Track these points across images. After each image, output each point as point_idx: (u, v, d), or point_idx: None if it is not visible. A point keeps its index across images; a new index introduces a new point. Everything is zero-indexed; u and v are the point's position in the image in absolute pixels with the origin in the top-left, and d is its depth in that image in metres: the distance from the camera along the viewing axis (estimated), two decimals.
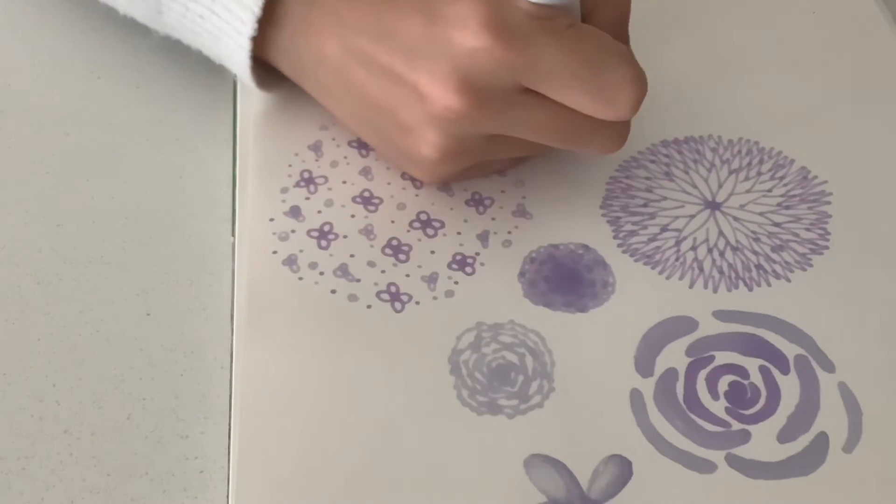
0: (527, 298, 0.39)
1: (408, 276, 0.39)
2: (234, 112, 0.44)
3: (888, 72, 0.47)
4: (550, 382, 0.37)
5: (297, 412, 0.35)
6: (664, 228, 0.41)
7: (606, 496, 0.34)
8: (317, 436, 0.35)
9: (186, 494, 0.35)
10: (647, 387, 0.37)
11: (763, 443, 0.36)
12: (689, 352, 0.38)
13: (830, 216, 0.42)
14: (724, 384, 0.37)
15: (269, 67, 0.41)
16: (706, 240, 0.41)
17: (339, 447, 0.35)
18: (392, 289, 0.39)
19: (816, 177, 0.43)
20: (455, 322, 0.38)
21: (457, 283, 0.39)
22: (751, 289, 0.39)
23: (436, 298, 0.39)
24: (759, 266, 0.40)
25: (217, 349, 0.38)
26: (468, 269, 0.39)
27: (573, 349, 0.38)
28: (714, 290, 0.39)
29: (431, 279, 0.39)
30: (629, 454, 0.35)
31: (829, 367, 0.37)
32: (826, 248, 0.41)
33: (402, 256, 0.40)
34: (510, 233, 0.41)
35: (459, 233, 0.41)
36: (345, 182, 0.42)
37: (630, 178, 0.43)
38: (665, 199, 0.42)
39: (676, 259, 0.40)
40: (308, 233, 0.40)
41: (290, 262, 0.39)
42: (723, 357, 0.38)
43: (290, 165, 0.42)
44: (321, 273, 0.39)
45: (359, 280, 0.39)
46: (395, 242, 0.40)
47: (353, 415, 0.35)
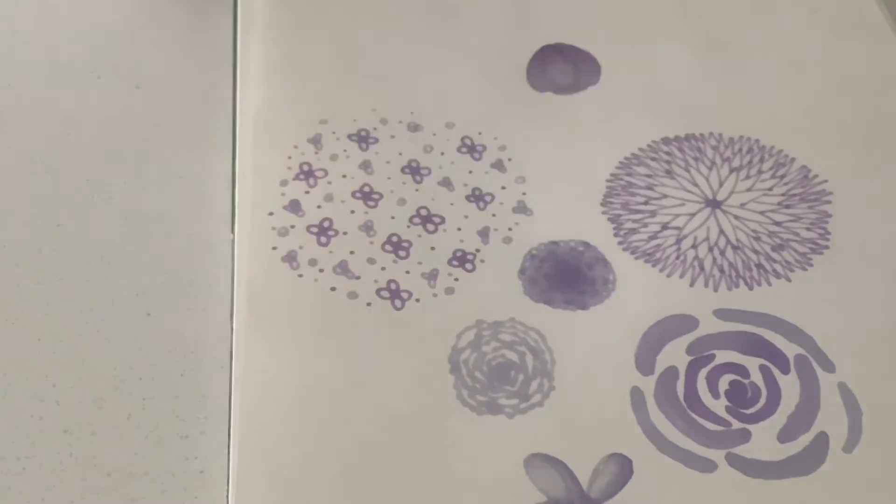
0: (527, 296, 0.39)
1: (408, 273, 0.39)
2: (234, 112, 0.44)
3: (889, 71, 0.47)
4: (551, 381, 0.37)
5: (297, 412, 0.35)
6: (665, 226, 0.41)
7: (607, 495, 0.34)
8: (317, 436, 0.35)
9: (186, 494, 0.35)
10: (648, 385, 0.37)
11: (763, 442, 0.36)
12: (690, 350, 0.38)
13: (831, 216, 0.42)
14: (725, 383, 0.37)
15: None
16: (707, 238, 0.41)
17: (339, 447, 0.35)
18: (392, 286, 0.39)
19: (817, 176, 0.43)
20: (455, 320, 0.38)
21: (457, 280, 0.39)
22: (751, 288, 0.39)
23: (436, 296, 0.39)
24: (760, 265, 0.40)
25: (217, 349, 0.38)
26: (468, 266, 0.39)
27: (573, 347, 0.38)
28: (714, 289, 0.39)
29: (431, 276, 0.39)
30: (629, 453, 0.35)
31: (830, 367, 0.37)
32: (826, 248, 0.41)
33: (402, 253, 0.40)
34: (511, 229, 0.41)
35: (460, 229, 0.41)
36: (344, 176, 0.42)
37: (631, 176, 0.42)
38: (666, 197, 0.42)
39: (677, 257, 0.40)
40: (308, 228, 0.40)
41: (290, 259, 0.39)
42: (723, 356, 0.38)
43: (290, 158, 0.42)
44: (321, 270, 0.39)
45: (359, 277, 0.39)
46: (395, 239, 0.40)
47: (353, 414, 0.35)
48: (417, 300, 0.38)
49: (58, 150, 0.43)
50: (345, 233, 0.40)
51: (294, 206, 0.40)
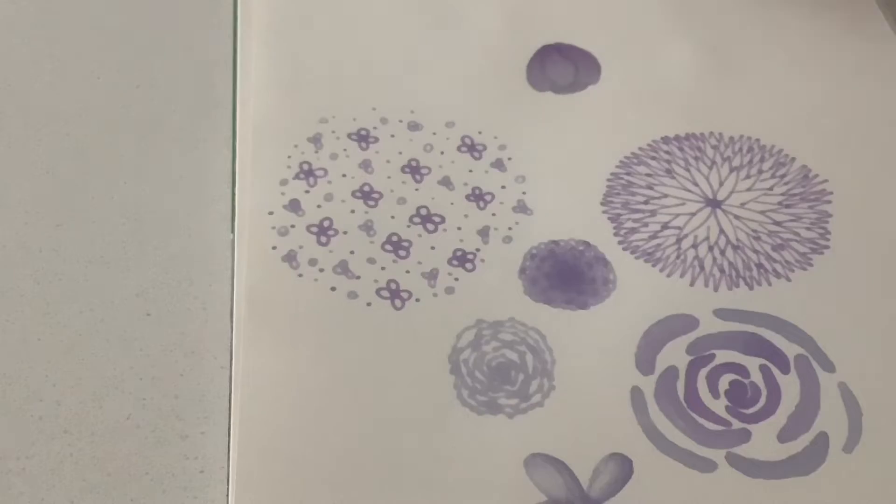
0: (527, 295, 0.39)
1: (408, 273, 0.39)
2: (234, 112, 0.44)
3: (889, 71, 0.47)
4: (551, 381, 0.37)
5: (297, 411, 0.35)
6: (665, 226, 0.41)
7: (607, 495, 0.34)
8: (317, 435, 0.35)
9: (186, 494, 0.35)
10: (648, 385, 0.37)
11: (763, 442, 0.36)
12: (690, 350, 0.38)
13: (831, 215, 0.42)
14: (725, 383, 0.37)
15: None
16: (707, 238, 0.41)
17: (339, 447, 0.35)
18: (392, 286, 0.39)
19: (817, 175, 0.43)
20: (455, 320, 0.38)
21: (457, 280, 0.39)
22: (751, 287, 0.39)
23: (436, 295, 0.39)
24: (760, 265, 0.40)
25: (217, 349, 0.38)
26: (468, 266, 0.39)
27: (574, 347, 0.37)
28: (715, 289, 0.39)
29: (432, 276, 0.39)
30: (630, 453, 0.35)
31: (830, 367, 0.37)
32: (827, 248, 0.41)
33: (402, 253, 0.40)
34: (511, 229, 0.41)
35: (460, 228, 0.40)
36: (344, 175, 0.42)
37: (631, 175, 0.42)
38: (666, 197, 0.42)
39: (677, 257, 0.40)
40: (308, 228, 0.40)
41: (290, 259, 0.39)
42: (723, 356, 0.37)
43: (290, 157, 0.42)
44: (321, 270, 0.39)
45: (359, 277, 0.39)
46: (395, 238, 0.40)
47: (354, 414, 0.35)
48: (417, 300, 0.38)
49: (58, 150, 0.43)
50: (345, 232, 0.40)
51: (294, 206, 0.40)
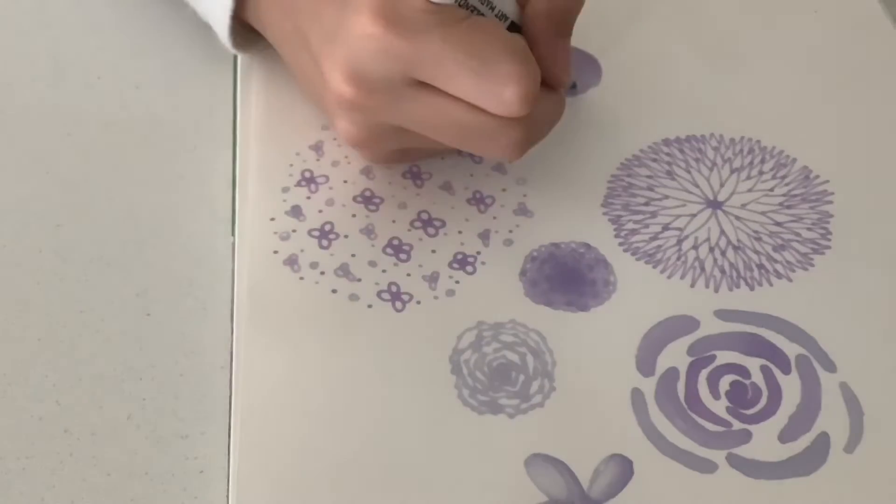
0: (528, 297, 0.39)
1: (408, 276, 0.39)
2: (234, 112, 0.44)
3: (890, 71, 0.47)
4: (551, 382, 0.37)
5: (297, 412, 0.35)
6: (666, 227, 0.41)
7: (607, 496, 0.34)
8: (317, 436, 0.35)
9: (186, 494, 0.35)
10: (649, 386, 0.37)
11: (764, 443, 0.36)
12: (691, 351, 0.38)
13: (832, 216, 0.42)
14: (726, 384, 0.37)
15: (249, 29, 0.42)
16: (707, 239, 0.41)
17: (340, 447, 0.35)
18: (393, 288, 0.39)
19: (818, 176, 0.43)
20: (456, 321, 0.38)
21: (458, 283, 0.39)
22: (752, 288, 0.39)
23: (437, 298, 0.39)
24: (761, 265, 0.40)
25: (217, 349, 0.38)
26: (469, 269, 0.39)
27: (574, 348, 0.37)
28: (715, 290, 0.39)
29: (432, 278, 0.39)
30: (630, 454, 0.35)
31: (831, 368, 0.37)
32: (828, 248, 0.41)
33: (403, 256, 0.40)
34: (511, 231, 0.41)
35: (460, 232, 0.41)
36: (346, 181, 0.42)
37: (632, 177, 0.42)
38: (667, 198, 0.42)
39: (678, 258, 0.40)
40: (309, 232, 0.40)
41: (291, 262, 0.39)
42: (724, 357, 0.37)
43: (292, 165, 0.42)
44: (322, 273, 0.39)
45: (360, 280, 0.39)
46: (396, 242, 0.40)
47: (354, 415, 0.35)
48: (418, 302, 0.38)
49: (58, 150, 0.43)
50: (346, 236, 0.40)
51: (295, 212, 0.40)
